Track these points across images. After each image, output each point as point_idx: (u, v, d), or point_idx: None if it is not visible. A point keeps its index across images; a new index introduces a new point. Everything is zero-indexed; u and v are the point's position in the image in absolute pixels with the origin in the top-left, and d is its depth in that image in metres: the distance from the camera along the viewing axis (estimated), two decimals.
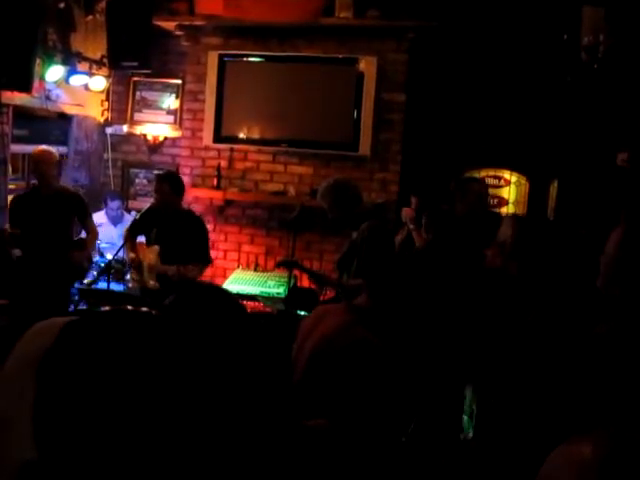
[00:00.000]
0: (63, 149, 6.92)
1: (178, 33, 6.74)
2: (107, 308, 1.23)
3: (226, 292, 1.02)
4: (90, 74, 6.61)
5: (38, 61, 5.64)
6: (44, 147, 5.59)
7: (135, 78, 7.28)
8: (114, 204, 6.85)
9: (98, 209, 6.95)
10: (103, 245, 6.42)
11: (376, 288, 2.55)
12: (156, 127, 7.34)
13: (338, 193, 4.47)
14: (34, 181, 5.89)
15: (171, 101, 7.30)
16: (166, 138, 7.36)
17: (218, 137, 6.58)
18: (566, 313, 4.06)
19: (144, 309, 1.14)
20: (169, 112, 7.33)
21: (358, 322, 2.41)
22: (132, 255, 5.30)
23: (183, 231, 5.22)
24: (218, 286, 1.06)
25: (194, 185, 6.72)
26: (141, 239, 5.44)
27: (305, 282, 6.30)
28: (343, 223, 4.59)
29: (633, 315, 2.07)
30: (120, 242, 5.64)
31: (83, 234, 5.93)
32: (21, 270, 5.22)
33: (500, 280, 4.16)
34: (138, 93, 7.38)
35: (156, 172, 5.92)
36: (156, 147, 7.39)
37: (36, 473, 0.89)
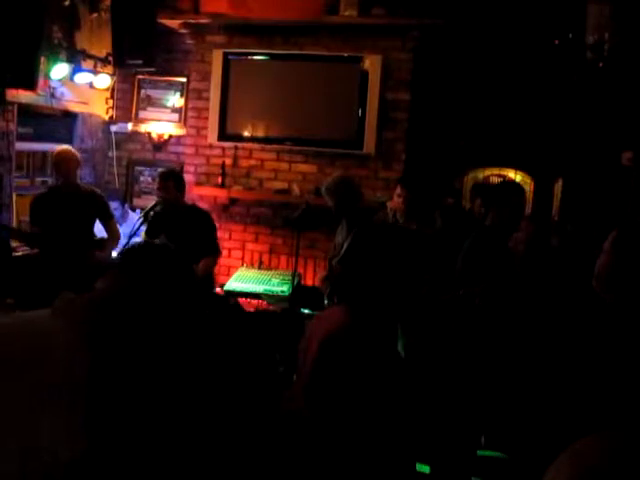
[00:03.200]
0: None
1: (183, 31, 6.74)
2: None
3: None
4: (95, 72, 6.61)
5: (43, 59, 5.64)
6: (66, 146, 5.58)
7: (140, 76, 7.28)
8: (113, 205, 6.86)
9: None
10: None
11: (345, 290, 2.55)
12: (161, 125, 7.34)
13: (342, 189, 4.54)
14: (42, 178, 5.88)
15: (176, 99, 7.30)
16: (171, 136, 7.36)
17: (223, 135, 6.58)
18: (564, 313, 4.06)
19: None
20: (174, 110, 7.33)
21: (356, 320, 2.42)
22: None
23: (190, 226, 5.23)
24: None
25: (198, 183, 6.73)
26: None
27: (309, 280, 6.32)
28: (347, 218, 4.64)
29: (628, 316, 2.07)
30: (124, 240, 5.65)
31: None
32: (41, 269, 5.20)
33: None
34: (143, 91, 7.38)
35: (159, 170, 5.90)
36: (161, 145, 7.40)
37: (85, 463, 0.90)
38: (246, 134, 6.56)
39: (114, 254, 5.77)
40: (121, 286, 0.81)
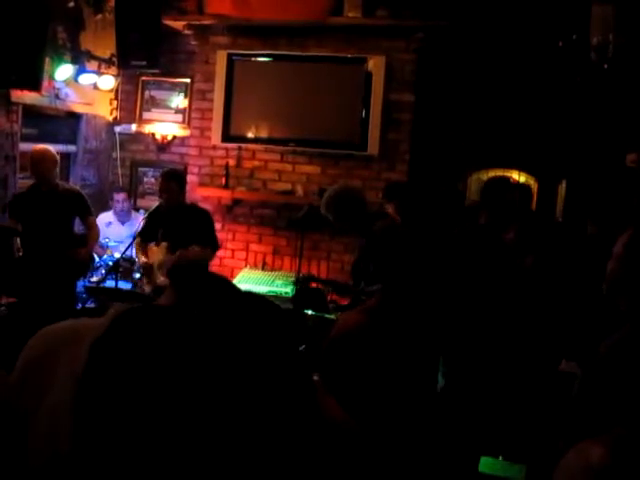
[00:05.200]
0: (72, 148, 6.95)
1: (187, 32, 6.75)
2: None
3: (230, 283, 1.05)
4: (99, 73, 6.63)
5: (47, 60, 5.66)
6: (42, 146, 5.57)
7: (144, 77, 7.29)
8: (119, 196, 6.85)
9: (106, 209, 6.98)
10: (112, 244, 6.44)
11: (394, 289, 2.54)
12: (165, 126, 7.35)
13: (342, 204, 4.40)
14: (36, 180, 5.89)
15: (180, 100, 7.31)
16: (175, 137, 7.37)
17: (226, 136, 6.58)
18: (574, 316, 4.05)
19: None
20: (178, 111, 7.34)
21: (368, 320, 2.42)
22: (143, 259, 5.36)
23: (190, 224, 5.25)
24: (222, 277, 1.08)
25: (202, 184, 6.73)
26: (151, 244, 5.47)
27: (312, 282, 6.30)
28: (351, 229, 4.56)
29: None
30: (128, 241, 5.66)
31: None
32: (23, 268, 5.23)
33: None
34: (147, 92, 7.39)
35: (162, 170, 5.91)
36: (165, 146, 7.41)
37: (67, 465, 0.91)
38: (250, 135, 6.56)
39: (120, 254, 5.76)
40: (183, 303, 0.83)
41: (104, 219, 6.65)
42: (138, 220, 6.04)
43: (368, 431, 1.84)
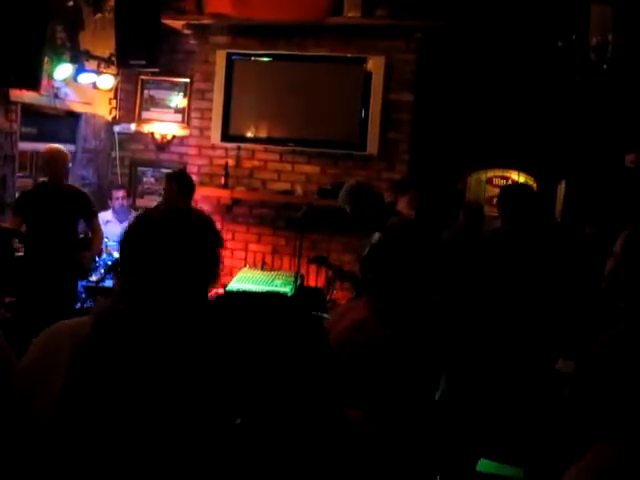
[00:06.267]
0: (71, 147, 6.92)
1: (186, 32, 6.75)
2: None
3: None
4: (98, 72, 6.62)
5: (46, 59, 5.64)
6: (56, 145, 5.57)
7: (143, 76, 7.29)
8: (119, 193, 6.83)
9: (106, 208, 6.97)
10: (110, 243, 6.43)
11: (405, 287, 2.52)
12: (164, 125, 7.35)
13: (360, 195, 4.46)
14: (43, 179, 5.88)
15: (179, 100, 7.31)
16: (174, 137, 7.37)
17: (226, 136, 6.58)
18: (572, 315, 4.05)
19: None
20: (177, 111, 7.34)
21: (376, 318, 2.40)
22: None
23: None
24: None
25: (201, 184, 6.72)
26: None
27: (312, 281, 6.31)
28: (367, 223, 4.58)
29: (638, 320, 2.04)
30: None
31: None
32: (25, 267, 5.21)
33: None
34: (146, 91, 7.39)
35: (166, 172, 5.91)
36: (164, 145, 7.40)
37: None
38: (249, 135, 6.56)
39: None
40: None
41: (102, 218, 6.63)
42: None
43: (379, 432, 1.84)
